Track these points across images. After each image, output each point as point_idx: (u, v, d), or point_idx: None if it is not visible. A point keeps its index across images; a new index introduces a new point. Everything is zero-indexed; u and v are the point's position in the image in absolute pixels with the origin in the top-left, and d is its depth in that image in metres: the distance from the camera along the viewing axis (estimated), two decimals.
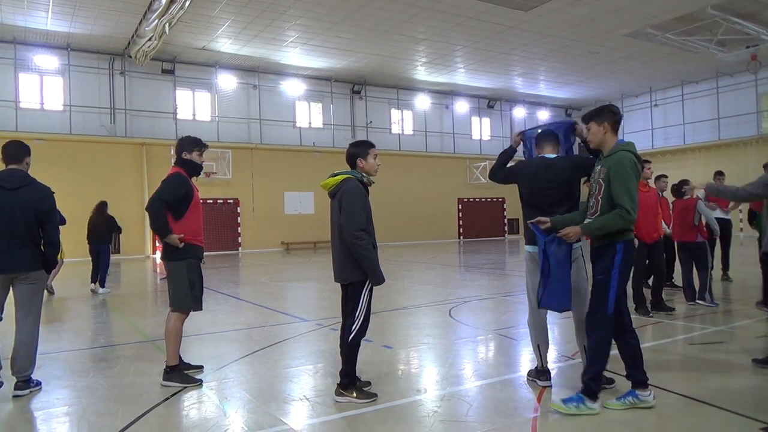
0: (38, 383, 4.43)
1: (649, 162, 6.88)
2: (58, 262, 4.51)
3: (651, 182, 7.42)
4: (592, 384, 3.63)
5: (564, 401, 3.66)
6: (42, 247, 4.44)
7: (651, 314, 6.80)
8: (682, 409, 3.71)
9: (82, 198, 11.25)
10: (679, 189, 7.65)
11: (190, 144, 4.69)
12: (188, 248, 4.49)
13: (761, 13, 17.56)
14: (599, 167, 3.79)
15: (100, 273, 10.42)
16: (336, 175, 4.05)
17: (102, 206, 10.57)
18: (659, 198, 7.56)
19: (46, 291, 9.77)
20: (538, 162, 4.25)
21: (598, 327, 3.67)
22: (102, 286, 10.44)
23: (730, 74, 24.81)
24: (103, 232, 10.46)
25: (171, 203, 4.41)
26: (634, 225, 3.68)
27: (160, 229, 4.37)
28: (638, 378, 3.70)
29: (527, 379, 4.36)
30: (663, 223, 7.44)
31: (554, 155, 4.24)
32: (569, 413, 3.58)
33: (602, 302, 3.65)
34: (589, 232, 3.71)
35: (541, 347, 4.28)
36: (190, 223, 4.52)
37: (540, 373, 4.28)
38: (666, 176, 8.35)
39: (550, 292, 3.89)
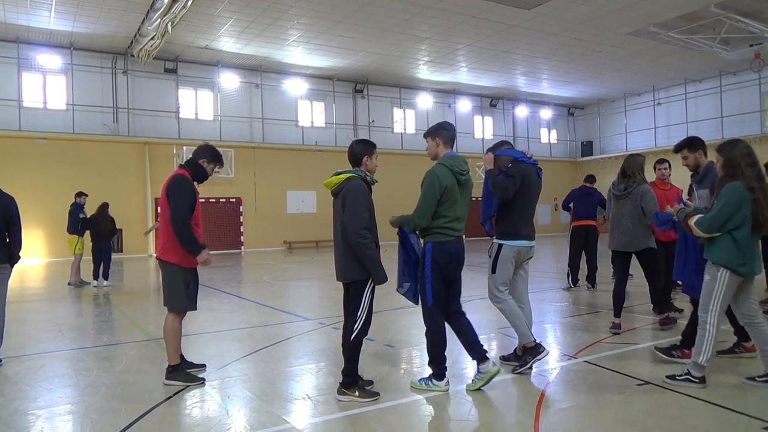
0: (1, 360, 5.11)
1: (665, 161, 7.26)
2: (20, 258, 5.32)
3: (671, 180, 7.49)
4: (433, 366, 4.09)
5: (419, 380, 4.15)
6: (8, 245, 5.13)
7: (677, 312, 6.78)
8: (684, 408, 3.70)
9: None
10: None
11: (212, 156, 4.79)
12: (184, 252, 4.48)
13: (765, 11, 17.50)
14: None
15: (104, 267, 11.10)
16: (339, 173, 4.04)
17: (104, 207, 11.22)
18: None
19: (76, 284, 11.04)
20: (529, 165, 4.57)
21: (426, 318, 4.13)
22: (106, 279, 11.17)
23: (734, 73, 24.75)
24: (107, 232, 11.12)
25: None
26: (452, 228, 4.05)
27: (193, 249, 4.40)
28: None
29: (525, 366, 4.40)
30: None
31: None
32: (420, 389, 4.06)
33: (423, 294, 4.13)
34: (398, 223, 4.17)
35: (527, 323, 4.51)
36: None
37: (534, 349, 4.41)
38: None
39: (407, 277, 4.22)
